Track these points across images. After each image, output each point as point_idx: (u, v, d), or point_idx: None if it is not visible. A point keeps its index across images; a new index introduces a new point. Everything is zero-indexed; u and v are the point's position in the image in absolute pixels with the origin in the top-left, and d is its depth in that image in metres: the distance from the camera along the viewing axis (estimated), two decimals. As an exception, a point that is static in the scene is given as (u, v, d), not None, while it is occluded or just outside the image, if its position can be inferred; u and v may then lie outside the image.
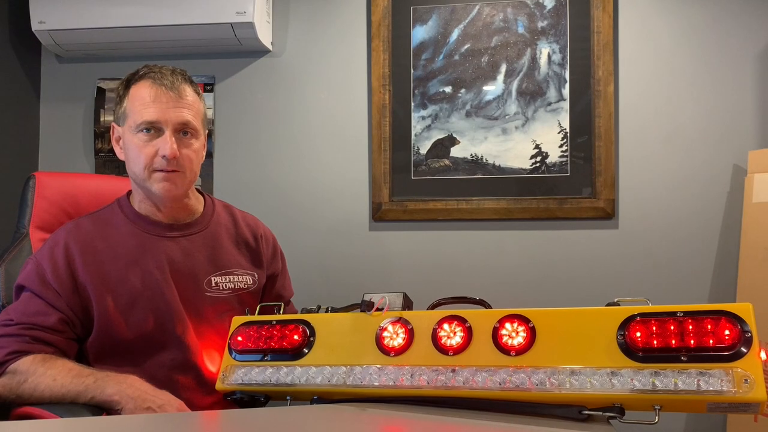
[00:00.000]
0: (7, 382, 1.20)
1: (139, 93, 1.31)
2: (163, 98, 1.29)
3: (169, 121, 1.29)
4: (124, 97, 1.33)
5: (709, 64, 2.02)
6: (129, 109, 1.32)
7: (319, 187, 2.20)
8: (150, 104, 1.29)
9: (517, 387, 1.02)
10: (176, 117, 1.30)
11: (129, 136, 1.32)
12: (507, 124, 2.10)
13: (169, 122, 1.29)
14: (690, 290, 1.99)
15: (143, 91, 1.31)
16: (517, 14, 2.11)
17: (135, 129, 1.30)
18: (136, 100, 1.31)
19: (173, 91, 1.30)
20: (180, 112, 1.31)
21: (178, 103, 1.31)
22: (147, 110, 1.29)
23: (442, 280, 2.12)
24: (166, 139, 1.29)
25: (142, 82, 1.32)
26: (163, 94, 1.30)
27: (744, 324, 0.95)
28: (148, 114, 1.29)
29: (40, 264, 1.30)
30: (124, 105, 1.33)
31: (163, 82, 1.30)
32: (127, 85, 1.34)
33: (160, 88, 1.30)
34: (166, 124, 1.29)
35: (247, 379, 1.20)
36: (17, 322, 1.24)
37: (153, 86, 1.30)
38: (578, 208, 2.05)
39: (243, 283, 1.43)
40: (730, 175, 2.00)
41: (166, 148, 1.29)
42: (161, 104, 1.29)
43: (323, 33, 2.22)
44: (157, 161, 1.30)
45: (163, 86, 1.30)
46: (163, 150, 1.29)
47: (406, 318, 1.15)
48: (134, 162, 1.32)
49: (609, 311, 1.05)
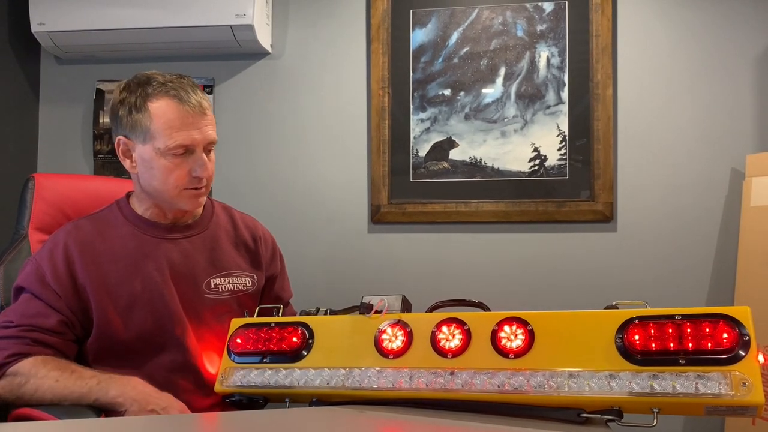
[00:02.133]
0: (8, 384, 1.20)
1: (164, 113, 1.27)
2: (192, 119, 1.28)
3: (200, 141, 1.29)
4: (141, 113, 1.28)
5: (708, 67, 2.03)
6: (155, 130, 1.27)
7: (317, 189, 2.20)
8: (180, 127, 1.27)
9: (516, 390, 1.02)
10: (207, 137, 1.30)
11: (153, 156, 1.29)
12: (506, 127, 2.11)
13: (200, 143, 1.30)
14: (688, 293, 2.00)
15: (168, 111, 1.27)
16: (516, 17, 2.11)
17: (164, 152, 1.28)
18: (162, 121, 1.27)
19: (199, 110, 1.29)
20: (208, 131, 1.31)
21: (205, 120, 1.30)
22: (179, 134, 1.27)
23: (440, 283, 2.12)
24: (200, 159, 1.30)
25: (164, 101, 1.27)
26: (190, 114, 1.27)
27: (742, 327, 0.96)
28: (181, 138, 1.27)
29: (39, 265, 1.29)
30: (144, 123, 1.28)
31: (189, 101, 1.28)
32: (143, 99, 1.28)
33: (186, 107, 1.27)
34: (198, 145, 1.29)
35: (245, 381, 1.20)
36: (17, 323, 1.24)
37: (179, 107, 1.27)
38: (577, 211, 2.05)
39: (242, 285, 1.43)
40: (728, 179, 2.00)
41: (203, 169, 1.30)
42: (191, 126, 1.28)
43: (322, 35, 2.22)
44: (191, 181, 1.31)
45: (188, 105, 1.27)
46: (199, 172, 1.30)
47: (405, 320, 1.15)
48: (162, 182, 1.31)
49: (607, 314, 1.05)
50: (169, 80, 1.30)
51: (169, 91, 1.28)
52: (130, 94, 1.30)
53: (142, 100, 1.29)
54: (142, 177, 1.33)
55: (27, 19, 2.14)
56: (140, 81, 1.31)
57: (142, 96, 1.29)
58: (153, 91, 1.28)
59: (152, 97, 1.28)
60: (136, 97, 1.29)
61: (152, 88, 1.29)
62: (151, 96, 1.28)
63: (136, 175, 1.34)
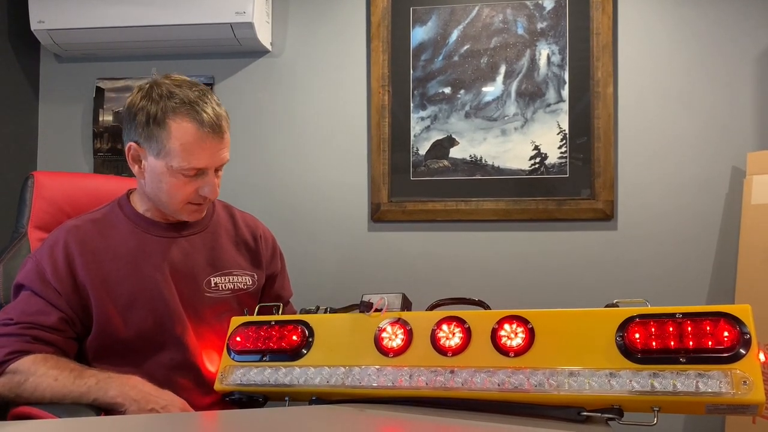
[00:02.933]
0: (7, 382, 1.20)
1: (183, 135, 1.25)
2: (210, 144, 1.27)
3: (213, 165, 1.30)
4: (161, 129, 1.26)
5: (708, 65, 2.02)
6: (171, 149, 1.25)
7: (317, 188, 2.20)
8: (198, 151, 1.26)
9: (516, 388, 1.02)
10: (221, 160, 1.31)
11: (164, 171, 1.28)
12: (506, 125, 2.10)
13: (213, 165, 1.31)
14: (689, 292, 1.99)
15: (187, 134, 1.25)
16: (517, 15, 2.11)
17: (176, 171, 1.27)
18: (180, 143, 1.25)
19: (218, 134, 1.28)
20: (223, 154, 1.31)
21: (221, 144, 1.30)
22: (195, 158, 1.26)
23: (440, 281, 2.12)
24: (210, 181, 1.31)
25: (185, 121, 1.25)
26: (209, 139, 1.27)
27: (743, 326, 0.96)
28: (195, 162, 1.27)
29: (39, 263, 1.29)
30: (162, 140, 1.26)
31: (209, 125, 1.26)
32: (164, 114, 1.26)
33: (205, 132, 1.26)
34: (211, 168, 1.30)
35: (245, 379, 1.20)
36: (17, 321, 1.24)
37: (200, 131, 1.25)
38: (577, 209, 2.05)
39: (242, 284, 1.43)
40: (728, 177, 2.00)
41: (211, 191, 1.32)
42: (208, 151, 1.28)
43: (322, 33, 2.22)
44: (196, 198, 1.32)
45: (208, 129, 1.26)
46: (207, 192, 1.31)
47: (405, 319, 1.15)
48: (167, 196, 1.31)
49: (608, 312, 1.05)
50: (193, 100, 1.26)
51: (190, 113, 1.26)
52: (151, 103, 1.27)
53: (162, 114, 1.26)
54: (148, 185, 1.33)
55: (27, 17, 2.14)
56: (162, 93, 1.27)
57: (163, 110, 1.26)
58: (175, 108, 1.26)
59: (174, 115, 1.26)
60: (158, 109, 1.26)
61: (175, 105, 1.26)
62: (173, 113, 1.26)
63: (142, 181, 1.34)
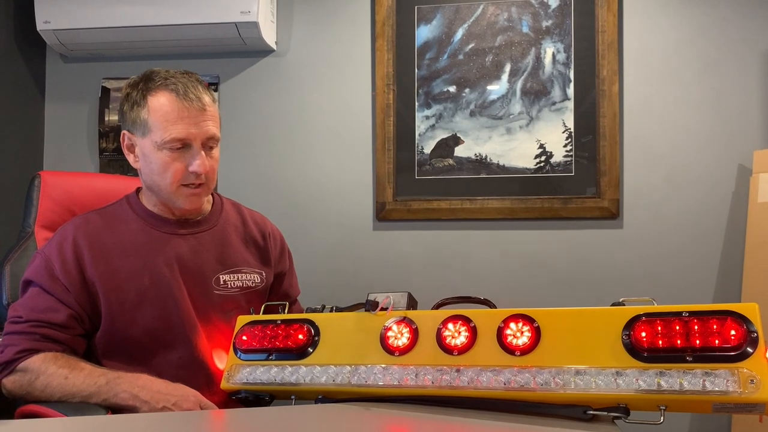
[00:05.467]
0: (18, 380, 1.20)
1: (161, 106, 1.27)
2: (189, 113, 1.26)
3: (197, 136, 1.28)
4: (141, 107, 1.29)
5: (714, 63, 2.01)
6: (152, 124, 1.27)
7: (322, 187, 2.20)
8: (176, 120, 1.26)
9: (522, 387, 1.02)
10: (204, 132, 1.28)
11: (152, 149, 1.29)
12: (511, 123, 2.10)
13: (198, 137, 1.28)
14: (695, 290, 1.99)
15: (165, 104, 1.27)
16: (522, 13, 2.10)
17: (161, 145, 1.27)
18: (159, 114, 1.27)
19: (197, 104, 1.27)
20: (206, 125, 1.29)
21: (204, 116, 1.28)
22: (174, 127, 1.26)
23: (446, 280, 2.11)
24: (197, 155, 1.28)
25: (162, 94, 1.27)
26: (188, 108, 1.26)
27: (750, 324, 0.95)
28: (176, 131, 1.26)
29: (48, 258, 1.29)
30: (143, 116, 1.28)
31: (187, 95, 1.26)
32: (144, 93, 1.29)
33: (184, 102, 1.26)
34: (195, 139, 1.28)
35: (251, 378, 1.20)
36: (26, 319, 1.24)
37: (176, 100, 1.26)
38: (582, 207, 2.04)
39: (251, 282, 1.43)
40: (735, 175, 1.99)
41: (199, 164, 1.28)
42: (188, 120, 1.26)
43: (327, 32, 2.22)
44: (187, 176, 1.30)
45: (186, 99, 1.26)
46: (196, 167, 1.28)
47: (411, 317, 1.15)
48: (160, 176, 1.30)
49: (614, 311, 1.04)
50: (172, 75, 1.30)
51: (168, 86, 1.28)
52: (134, 90, 1.31)
53: (142, 94, 1.29)
54: (143, 172, 1.34)
55: (32, 17, 2.15)
56: (144, 77, 1.32)
57: (143, 90, 1.30)
58: (153, 86, 1.29)
59: (152, 91, 1.29)
60: (137, 91, 1.30)
61: (153, 83, 1.29)
62: (152, 90, 1.29)
63: (140, 170, 1.35)
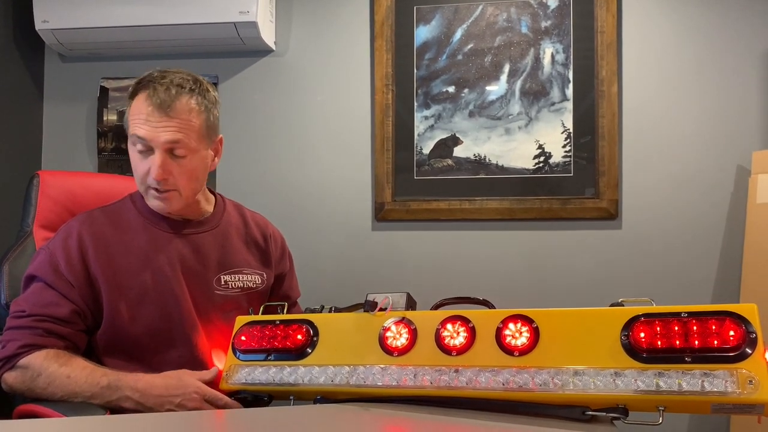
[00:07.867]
0: (20, 376, 1.20)
1: (135, 106, 1.29)
2: (153, 117, 1.26)
3: (156, 140, 1.26)
4: (128, 105, 1.32)
5: (713, 63, 2.02)
6: (126, 119, 1.32)
7: (321, 187, 2.20)
8: (138, 119, 1.27)
9: (521, 387, 1.02)
10: (163, 137, 1.26)
11: (130, 147, 1.32)
12: (510, 124, 2.10)
13: (156, 141, 1.27)
14: (694, 291, 1.99)
15: (140, 104, 1.28)
16: (521, 14, 2.10)
17: (130, 141, 1.30)
18: (132, 113, 1.29)
19: (162, 109, 1.25)
20: (167, 132, 1.26)
21: (167, 121, 1.26)
22: (136, 125, 1.28)
23: (445, 280, 2.11)
24: (155, 160, 1.27)
25: (140, 94, 1.29)
26: (153, 112, 1.26)
27: (749, 325, 0.95)
28: (139, 130, 1.27)
29: (53, 254, 1.29)
30: (127, 113, 1.32)
31: (156, 98, 1.26)
32: (133, 91, 1.31)
33: (151, 106, 1.26)
34: (155, 144, 1.27)
35: (250, 378, 1.20)
36: (29, 313, 1.24)
37: (146, 101, 1.27)
38: (581, 208, 2.04)
39: (252, 283, 1.43)
40: (734, 176, 1.99)
41: (154, 170, 1.27)
42: (150, 123, 1.26)
43: (326, 32, 2.22)
44: (149, 179, 1.30)
45: (155, 104, 1.26)
46: (152, 172, 1.28)
47: (410, 318, 1.15)
48: (134, 172, 1.33)
49: (613, 312, 1.04)
50: (162, 76, 1.29)
51: (148, 87, 1.28)
52: (131, 87, 1.33)
53: (132, 91, 1.31)
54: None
55: (31, 16, 2.14)
56: (143, 75, 1.32)
57: (133, 88, 1.32)
58: (140, 86, 1.30)
59: (138, 91, 1.30)
60: (131, 88, 1.32)
61: (142, 83, 1.30)
62: (138, 89, 1.31)
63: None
